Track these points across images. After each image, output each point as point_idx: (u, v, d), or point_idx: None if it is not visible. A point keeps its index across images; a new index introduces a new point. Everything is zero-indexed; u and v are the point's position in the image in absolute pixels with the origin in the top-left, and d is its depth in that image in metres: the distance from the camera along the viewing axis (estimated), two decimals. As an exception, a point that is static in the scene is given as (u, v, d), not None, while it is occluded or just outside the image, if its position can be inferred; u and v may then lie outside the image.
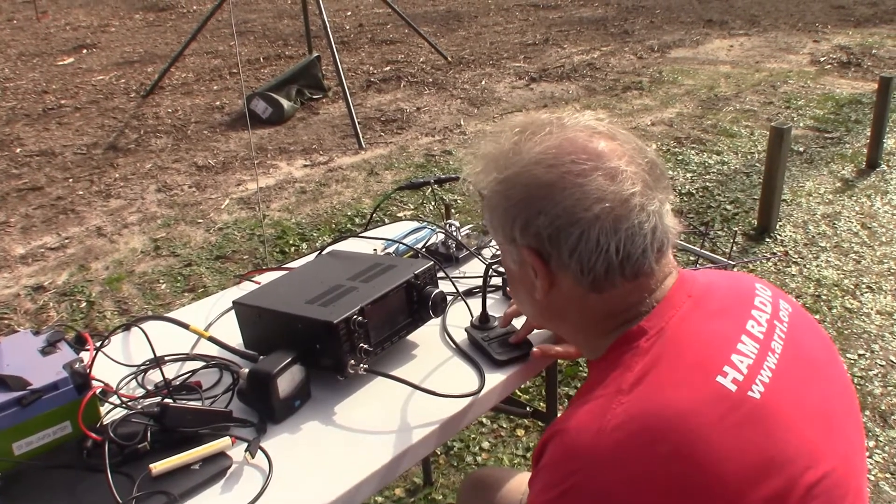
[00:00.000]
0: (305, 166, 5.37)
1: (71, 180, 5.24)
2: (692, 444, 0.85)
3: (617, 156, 0.98)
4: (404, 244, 1.91)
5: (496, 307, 1.69)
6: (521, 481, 1.64)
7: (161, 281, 3.92)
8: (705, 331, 0.98)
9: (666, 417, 0.87)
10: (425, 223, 2.06)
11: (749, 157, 5.21)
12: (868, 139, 5.06)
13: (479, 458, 2.64)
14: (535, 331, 1.56)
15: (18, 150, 5.83)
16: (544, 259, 1.00)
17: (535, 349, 1.47)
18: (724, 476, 0.84)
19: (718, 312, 1.02)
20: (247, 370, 1.36)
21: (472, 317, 1.60)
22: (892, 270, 3.74)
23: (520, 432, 2.75)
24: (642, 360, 0.94)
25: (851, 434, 1.01)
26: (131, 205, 4.84)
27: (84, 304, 3.73)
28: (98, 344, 1.49)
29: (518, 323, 1.58)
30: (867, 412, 2.82)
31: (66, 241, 4.38)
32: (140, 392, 1.43)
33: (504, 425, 2.79)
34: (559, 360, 2.76)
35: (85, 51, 9.14)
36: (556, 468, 0.91)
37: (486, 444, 2.70)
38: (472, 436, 2.73)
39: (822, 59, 7.54)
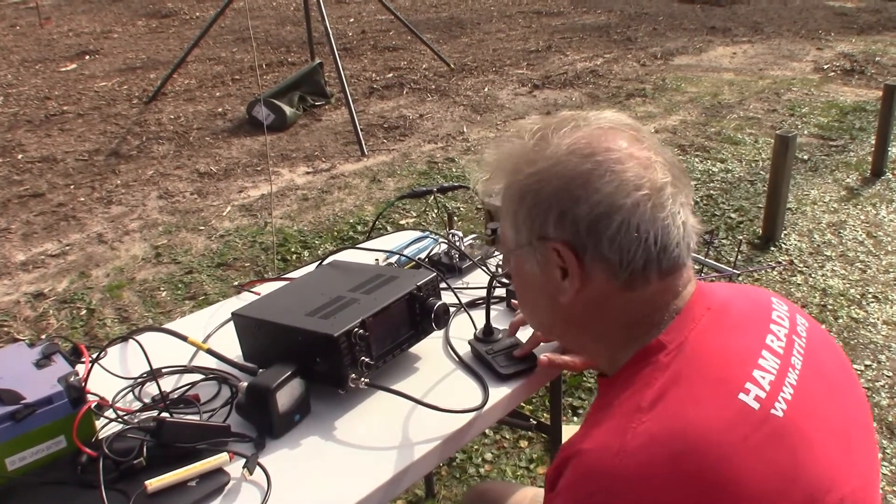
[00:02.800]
0: (308, 173, 5.36)
1: (72, 187, 5.22)
2: (716, 465, 0.82)
3: (646, 147, 0.97)
4: (406, 255, 1.88)
5: (500, 319, 1.66)
6: (523, 496, 1.61)
7: (162, 288, 3.90)
8: (725, 346, 0.96)
9: (689, 437, 0.84)
10: (428, 233, 2.04)
11: (753, 164, 5.18)
12: (873, 147, 5.03)
13: (481, 470, 2.61)
14: (544, 344, 1.54)
15: (20, 157, 5.82)
16: (578, 254, 0.96)
17: (542, 357, 1.44)
18: (747, 498, 0.82)
19: (737, 327, 1.00)
20: (245, 384, 1.33)
21: (476, 329, 1.57)
22: (898, 280, 3.71)
23: (523, 443, 2.72)
24: (662, 376, 0.91)
25: (868, 453, 0.99)
26: (132, 211, 4.82)
27: (84, 312, 3.71)
28: (94, 356, 1.47)
29: (523, 335, 1.56)
30: (874, 424, 2.79)
31: (67, 247, 4.36)
32: (136, 405, 1.40)
33: (507, 436, 2.76)
34: (564, 372, 2.74)
35: (87, 57, 9.14)
36: (575, 491, 0.88)
37: (488, 456, 2.67)
38: (475, 447, 2.70)
39: (825, 67, 7.53)
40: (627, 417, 0.88)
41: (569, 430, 2.63)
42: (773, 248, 4.04)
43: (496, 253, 1.94)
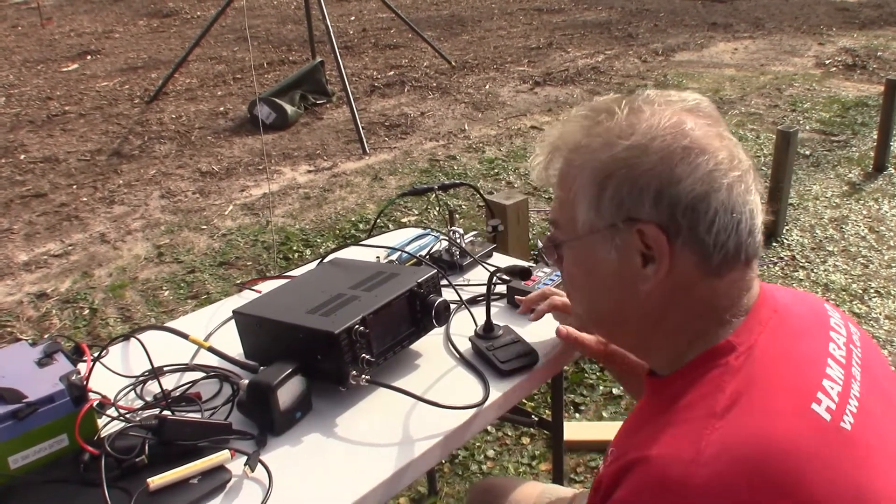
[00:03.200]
0: (309, 172, 5.36)
1: (75, 187, 5.23)
2: (791, 478, 0.79)
3: (725, 129, 0.95)
4: (407, 252, 1.88)
5: (500, 316, 1.66)
6: (528, 490, 1.61)
7: (164, 288, 3.91)
8: (794, 352, 0.92)
9: (765, 448, 0.80)
10: (429, 230, 2.04)
11: (755, 160, 5.15)
12: (875, 142, 5.02)
13: (484, 467, 2.61)
14: (541, 337, 1.54)
15: (22, 157, 5.83)
16: (670, 237, 0.89)
17: (560, 328, 1.42)
18: None
19: (801, 333, 0.96)
20: (247, 381, 1.33)
21: (477, 325, 1.58)
22: (900, 275, 3.71)
23: (525, 440, 2.72)
24: (733, 381, 0.86)
25: None
26: (135, 211, 4.83)
27: (87, 312, 3.71)
28: (95, 355, 1.47)
29: (523, 332, 1.56)
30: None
31: (70, 247, 4.37)
32: (138, 404, 1.41)
33: (509, 433, 2.76)
34: (565, 368, 2.74)
35: (89, 57, 9.15)
36: (643, 500, 0.82)
37: (491, 453, 2.67)
38: (477, 444, 2.71)
39: (827, 62, 7.51)
40: (700, 423, 0.83)
41: (570, 427, 2.64)
42: (774, 244, 4.04)
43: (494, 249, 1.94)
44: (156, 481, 1.17)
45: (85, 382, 1.28)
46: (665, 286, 0.92)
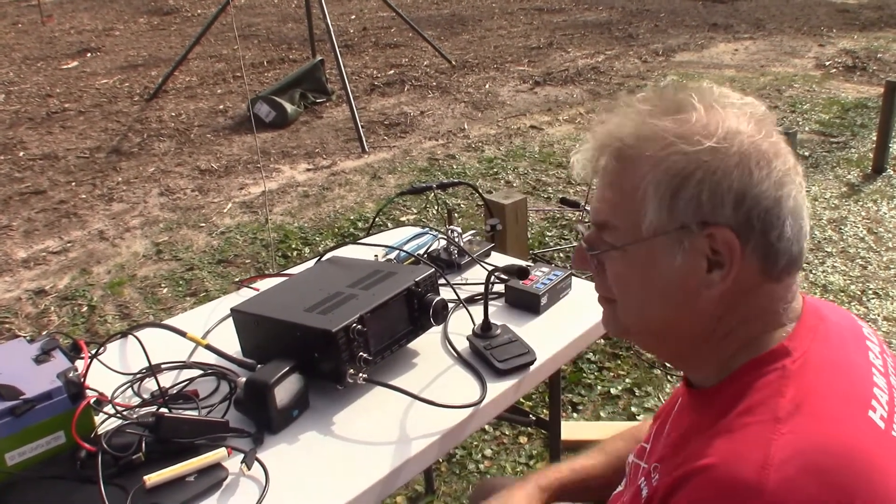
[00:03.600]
0: (308, 170, 5.36)
1: (73, 184, 5.23)
2: (858, 484, 0.78)
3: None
4: (405, 251, 1.88)
5: (498, 315, 1.66)
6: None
7: (163, 285, 3.91)
8: (843, 360, 0.91)
9: (834, 454, 0.79)
10: (427, 229, 2.04)
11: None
12: (874, 144, 5.03)
13: (481, 466, 2.61)
14: (539, 337, 1.54)
15: (21, 154, 5.83)
16: (742, 241, 0.87)
17: None
18: None
19: (845, 341, 0.95)
20: (244, 379, 1.33)
21: (474, 325, 1.58)
22: (898, 276, 3.71)
23: (523, 440, 2.72)
24: (793, 385, 0.85)
25: None
26: (134, 208, 4.82)
27: (85, 309, 3.71)
28: (93, 352, 1.47)
29: (520, 331, 1.56)
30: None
31: (69, 244, 4.37)
32: (135, 401, 1.41)
33: (507, 432, 2.77)
34: (563, 368, 2.74)
35: (89, 54, 9.15)
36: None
37: (488, 452, 2.67)
38: (475, 443, 2.71)
39: (827, 63, 7.51)
40: (765, 427, 0.81)
41: (568, 427, 2.64)
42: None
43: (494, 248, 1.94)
44: (152, 479, 1.17)
45: (82, 379, 1.28)
46: (727, 291, 0.89)
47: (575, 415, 2.85)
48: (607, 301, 1.01)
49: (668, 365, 3.01)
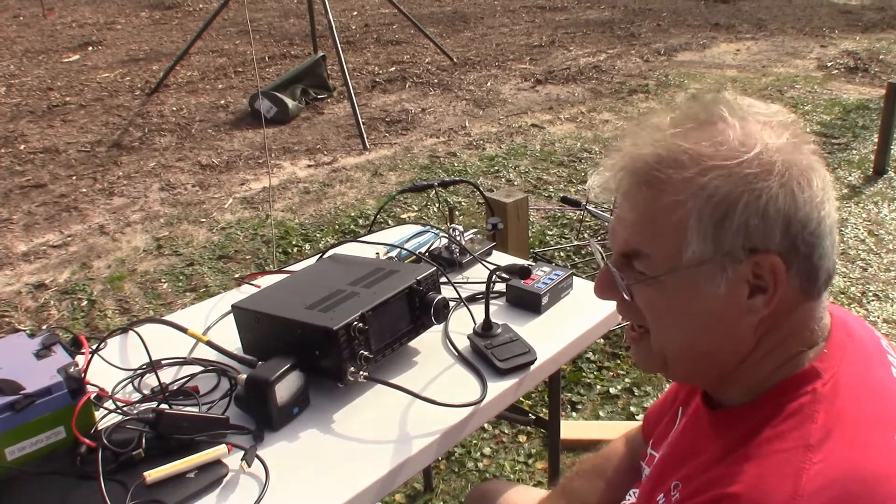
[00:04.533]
0: (309, 166, 5.35)
1: (74, 178, 5.22)
2: None
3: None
4: (406, 249, 1.88)
5: (499, 314, 1.66)
6: (522, 496, 1.60)
7: (163, 280, 3.90)
8: (870, 379, 0.89)
9: (865, 482, 0.77)
10: (428, 227, 2.04)
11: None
12: (875, 145, 5.02)
13: (480, 465, 2.61)
14: (540, 336, 1.54)
15: (22, 147, 5.82)
16: (789, 267, 0.84)
17: None
18: None
19: (870, 357, 0.92)
20: (245, 376, 1.33)
21: (475, 323, 1.58)
22: (899, 278, 3.71)
23: (522, 438, 2.73)
24: (823, 410, 0.82)
25: None
26: (134, 203, 4.82)
27: (85, 303, 3.71)
28: (94, 347, 1.47)
29: (521, 330, 1.56)
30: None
31: (69, 238, 4.37)
32: (136, 397, 1.41)
33: (506, 431, 2.77)
34: (563, 367, 2.74)
35: (90, 48, 9.14)
36: None
37: (487, 451, 2.67)
38: (474, 442, 2.71)
39: (829, 64, 7.51)
40: (796, 456, 0.79)
41: (567, 426, 2.64)
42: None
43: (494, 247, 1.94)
44: (152, 475, 1.17)
45: (83, 375, 1.28)
46: (768, 315, 0.86)
47: (574, 414, 2.85)
48: (638, 332, 0.95)
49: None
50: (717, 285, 0.85)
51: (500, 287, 1.72)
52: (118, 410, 1.34)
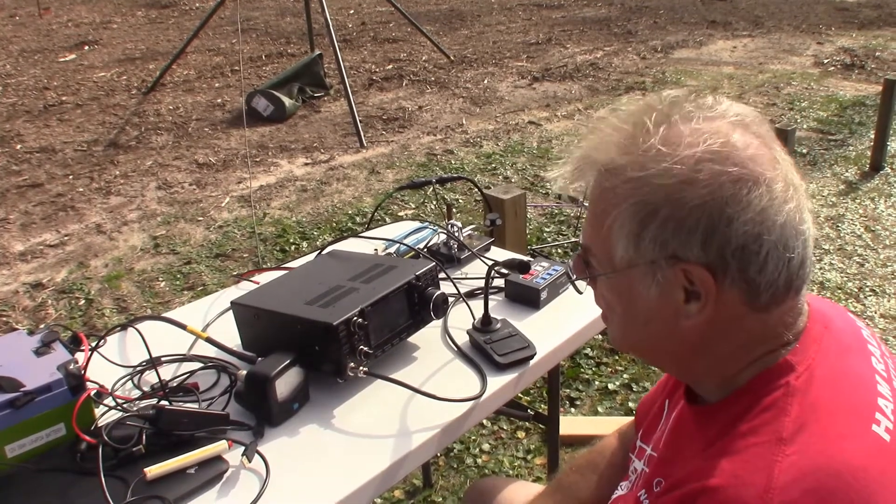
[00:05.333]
0: (306, 164, 5.35)
1: (71, 177, 5.22)
2: (865, 503, 0.77)
3: (777, 144, 0.87)
4: (405, 244, 1.88)
5: (498, 309, 1.66)
6: (519, 490, 1.61)
7: (160, 279, 3.90)
8: (847, 370, 0.88)
9: (838, 474, 0.77)
10: (427, 223, 2.04)
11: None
12: (872, 142, 5.03)
13: (479, 460, 2.62)
14: (539, 331, 1.54)
15: (19, 147, 5.81)
16: (717, 278, 0.83)
17: None
18: None
19: (848, 348, 0.92)
20: (244, 372, 1.33)
21: (474, 319, 1.58)
22: (895, 273, 3.72)
23: (520, 434, 2.73)
24: (797, 403, 0.83)
25: None
26: (131, 202, 4.82)
27: (83, 302, 3.71)
28: (93, 344, 1.47)
29: (520, 325, 1.56)
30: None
31: (66, 238, 4.36)
32: (136, 394, 1.41)
33: (505, 427, 2.77)
34: (562, 363, 2.74)
35: (87, 47, 9.12)
36: None
37: (486, 446, 2.68)
38: (473, 437, 2.71)
39: (825, 61, 7.52)
40: (769, 449, 0.79)
41: (566, 422, 2.64)
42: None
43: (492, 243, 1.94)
44: (153, 471, 1.17)
45: (82, 372, 1.28)
46: (709, 321, 0.86)
47: (573, 410, 2.85)
48: (603, 315, 1.00)
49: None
50: (648, 288, 0.87)
51: (499, 282, 1.73)
52: (118, 407, 1.33)
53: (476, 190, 2.26)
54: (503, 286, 1.72)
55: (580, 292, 1.06)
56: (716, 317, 0.86)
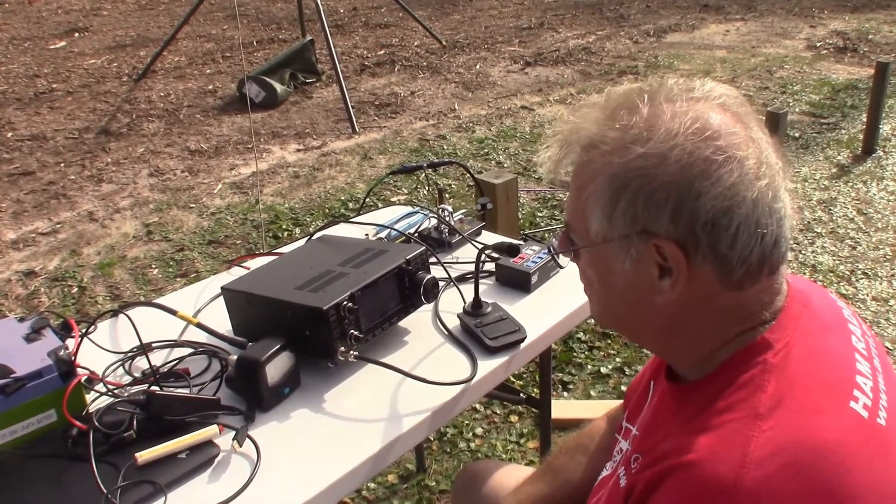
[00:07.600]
0: (299, 150, 5.34)
1: (62, 165, 5.19)
2: (841, 478, 0.78)
3: (756, 126, 0.88)
4: (396, 230, 1.88)
5: (489, 293, 1.67)
6: (511, 473, 1.61)
7: (153, 266, 3.90)
8: (826, 348, 0.90)
9: (815, 449, 0.78)
10: (418, 208, 2.04)
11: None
12: (864, 125, 5.04)
13: (472, 445, 2.63)
14: (530, 314, 1.54)
15: (10, 135, 5.78)
16: (688, 253, 0.85)
17: None
18: None
19: (828, 327, 0.93)
20: (235, 357, 1.34)
21: (465, 303, 1.58)
22: (887, 256, 3.73)
23: (513, 418, 2.74)
24: (773, 380, 0.84)
25: None
26: (123, 189, 4.80)
27: (75, 290, 3.70)
28: (84, 331, 1.47)
29: (511, 309, 1.57)
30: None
31: (58, 226, 4.35)
32: (127, 379, 1.41)
33: (498, 411, 2.78)
34: (553, 346, 2.75)
35: (77, 34, 9.06)
36: None
37: (479, 431, 2.69)
38: (466, 422, 2.72)
39: (818, 45, 7.51)
40: (745, 424, 0.80)
41: (558, 406, 2.65)
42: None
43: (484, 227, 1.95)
44: (144, 456, 1.18)
45: (73, 358, 1.28)
46: (683, 298, 0.88)
47: (565, 394, 2.86)
48: (585, 290, 1.03)
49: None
50: (623, 263, 0.90)
51: (490, 266, 1.73)
52: (109, 393, 1.34)
53: (468, 175, 2.25)
54: (494, 270, 1.73)
55: (561, 267, 1.11)
56: (690, 293, 0.88)
